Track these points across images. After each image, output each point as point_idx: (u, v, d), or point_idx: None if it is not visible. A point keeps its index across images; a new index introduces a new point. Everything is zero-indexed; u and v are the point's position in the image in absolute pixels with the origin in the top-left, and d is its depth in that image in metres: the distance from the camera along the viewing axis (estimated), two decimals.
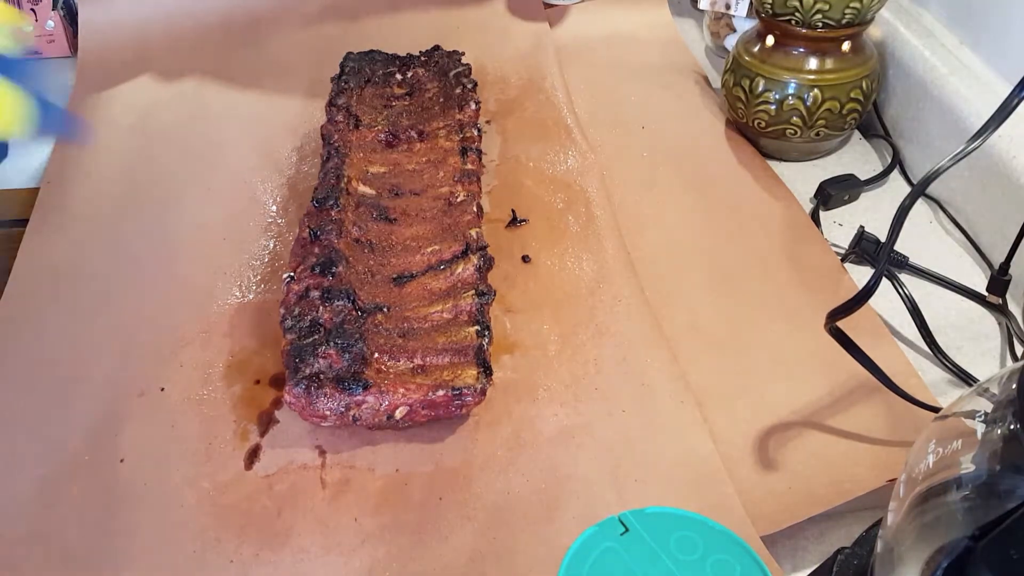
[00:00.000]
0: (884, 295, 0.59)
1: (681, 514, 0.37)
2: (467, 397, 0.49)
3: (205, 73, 0.84)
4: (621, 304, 0.59)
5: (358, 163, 0.66)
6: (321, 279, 0.54)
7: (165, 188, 0.71)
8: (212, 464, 0.50)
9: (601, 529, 0.36)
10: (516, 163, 0.73)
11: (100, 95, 0.82)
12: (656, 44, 0.90)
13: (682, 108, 0.81)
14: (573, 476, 0.49)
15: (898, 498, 0.35)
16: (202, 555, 0.46)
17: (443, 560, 0.45)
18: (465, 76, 0.76)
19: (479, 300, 0.55)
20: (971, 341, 0.58)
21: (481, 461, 0.50)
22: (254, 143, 0.76)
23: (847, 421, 0.52)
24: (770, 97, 0.71)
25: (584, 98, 0.82)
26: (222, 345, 0.57)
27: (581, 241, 0.65)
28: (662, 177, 0.72)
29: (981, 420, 0.33)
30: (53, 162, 0.74)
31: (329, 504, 0.48)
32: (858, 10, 0.67)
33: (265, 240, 0.66)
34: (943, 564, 0.30)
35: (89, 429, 0.52)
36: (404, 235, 0.61)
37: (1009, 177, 0.61)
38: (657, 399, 0.53)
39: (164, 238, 0.66)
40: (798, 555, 0.47)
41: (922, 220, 0.69)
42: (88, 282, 0.63)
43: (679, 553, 0.35)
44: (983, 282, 0.61)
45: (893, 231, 0.47)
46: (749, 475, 0.49)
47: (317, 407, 0.48)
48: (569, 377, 0.55)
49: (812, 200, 0.71)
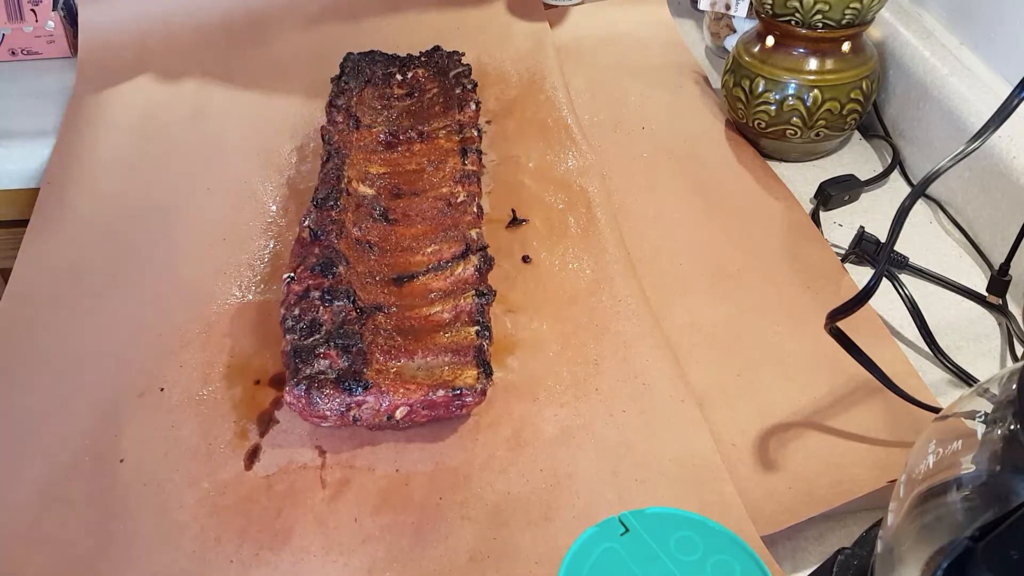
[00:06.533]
0: (884, 295, 0.59)
1: (681, 514, 0.37)
2: (467, 397, 0.49)
3: (205, 73, 0.84)
4: (621, 304, 0.59)
5: (358, 163, 0.66)
6: (321, 279, 0.54)
7: (165, 188, 0.71)
8: (212, 464, 0.50)
9: (601, 529, 0.36)
10: (516, 163, 0.73)
11: (100, 95, 0.82)
12: (656, 44, 0.90)
13: (682, 108, 0.81)
14: (573, 476, 0.49)
15: (898, 498, 0.35)
16: (202, 555, 0.46)
17: (443, 560, 0.45)
18: (465, 76, 0.76)
19: (479, 300, 0.55)
20: (971, 341, 0.58)
21: (481, 461, 0.50)
22: (254, 143, 0.76)
23: (847, 421, 0.52)
24: (770, 97, 0.71)
25: (584, 98, 0.82)
26: (222, 345, 0.57)
27: (581, 241, 0.65)
28: (662, 177, 0.72)
29: (981, 420, 0.33)
30: (53, 162, 0.74)
31: (329, 504, 0.48)
32: (858, 11, 0.67)
33: (265, 240, 0.66)
34: (943, 564, 0.30)
35: (89, 429, 0.52)
36: (404, 235, 0.61)
37: (1009, 177, 0.61)
38: (657, 399, 0.53)
39: (164, 238, 0.66)
40: (798, 555, 0.47)
41: (922, 220, 0.69)
42: (88, 282, 0.63)
43: (679, 553, 0.35)
44: (983, 282, 0.61)
45: (893, 231, 0.47)
46: (749, 475, 0.49)
47: (317, 407, 0.48)
48: (569, 377, 0.55)
49: (812, 200, 0.71)
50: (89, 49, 0.87)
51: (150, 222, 0.68)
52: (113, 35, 0.88)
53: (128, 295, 0.62)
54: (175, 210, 0.69)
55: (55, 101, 0.83)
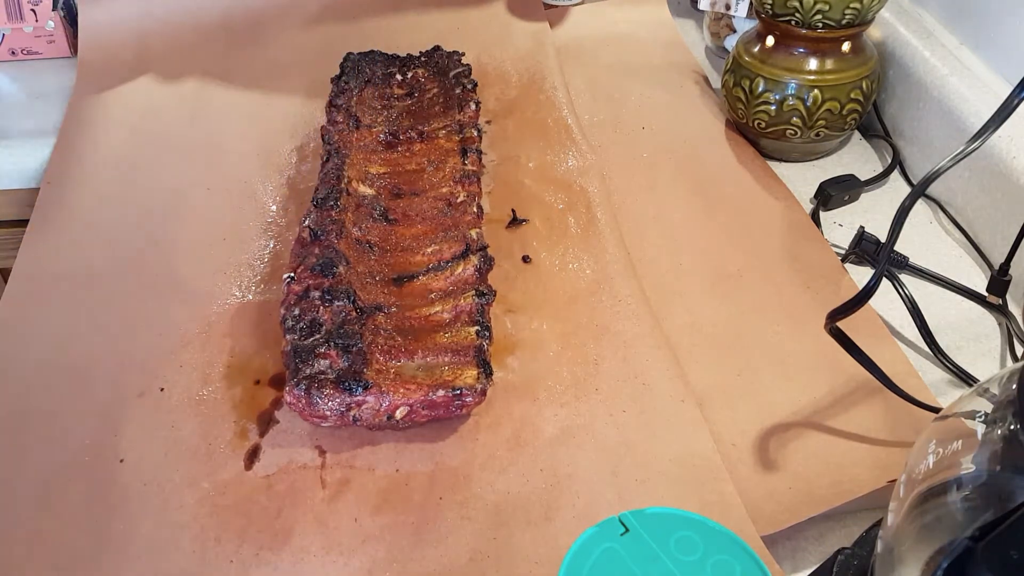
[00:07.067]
0: (884, 295, 0.59)
1: (681, 514, 0.37)
2: (467, 397, 0.49)
3: (205, 73, 0.84)
4: (621, 304, 0.59)
5: (358, 163, 0.66)
6: (321, 279, 0.54)
7: (165, 188, 0.71)
8: (212, 464, 0.50)
9: (601, 529, 0.36)
10: (516, 163, 0.73)
11: (100, 95, 0.82)
12: (656, 44, 0.90)
13: (682, 108, 0.81)
14: (573, 476, 0.49)
15: (898, 498, 0.35)
16: (202, 555, 0.46)
17: (443, 560, 0.45)
18: (465, 76, 0.76)
19: (479, 300, 0.55)
20: (971, 341, 0.58)
21: (481, 461, 0.50)
22: (254, 143, 0.76)
23: (847, 421, 0.52)
24: (770, 97, 0.71)
25: (584, 98, 0.82)
26: (222, 345, 0.57)
27: (581, 241, 0.65)
28: (662, 177, 0.72)
29: (981, 420, 0.33)
30: (53, 162, 0.74)
31: (329, 504, 0.48)
32: (858, 11, 0.67)
33: (265, 240, 0.66)
34: (943, 564, 0.30)
35: (89, 429, 0.52)
36: (404, 235, 0.61)
37: (1009, 177, 0.61)
38: (657, 399, 0.53)
39: (164, 238, 0.66)
40: (798, 555, 0.47)
41: (922, 220, 0.69)
42: (88, 282, 0.63)
43: (679, 553, 0.35)
44: (983, 282, 0.61)
45: (893, 231, 0.47)
46: (749, 475, 0.49)
47: (317, 407, 0.48)
48: (569, 377, 0.55)
49: (812, 200, 0.71)
50: (89, 49, 0.87)
51: (150, 222, 0.68)
52: (113, 35, 0.88)
53: (128, 295, 0.62)
54: (175, 210, 0.69)
55: (55, 101, 0.83)
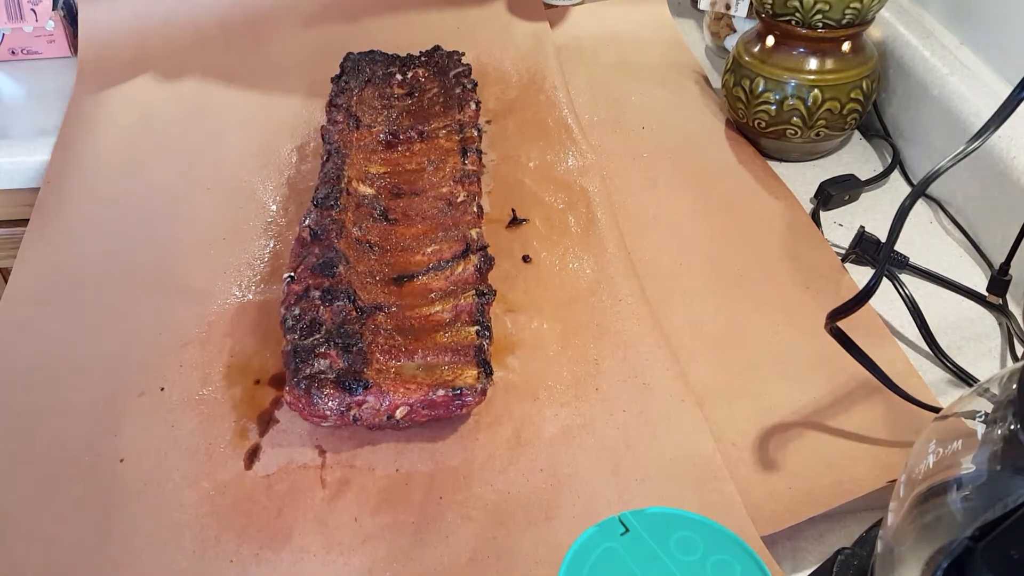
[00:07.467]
0: (884, 295, 0.59)
1: (681, 514, 0.37)
2: (467, 397, 0.49)
3: (205, 73, 0.84)
4: (621, 304, 0.59)
5: (358, 163, 0.66)
6: (321, 279, 0.54)
7: (165, 188, 0.71)
8: (212, 464, 0.50)
9: (601, 529, 0.36)
10: (516, 163, 0.73)
11: (100, 95, 0.82)
12: (656, 44, 0.90)
13: (682, 108, 0.81)
14: (573, 476, 0.49)
15: (898, 498, 0.35)
16: (202, 555, 0.46)
17: (443, 560, 0.45)
18: (465, 76, 0.76)
19: (479, 300, 0.55)
20: (971, 341, 0.58)
21: (481, 461, 0.50)
22: (254, 143, 0.76)
23: (847, 421, 0.52)
24: (770, 97, 0.71)
25: (584, 98, 0.82)
26: (222, 345, 0.57)
27: (582, 241, 0.65)
28: (662, 177, 0.72)
29: (981, 420, 0.33)
30: (53, 162, 0.74)
31: (329, 504, 0.48)
32: (858, 10, 0.67)
33: (265, 240, 0.66)
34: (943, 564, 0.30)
35: (89, 429, 0.52)
36: (404, 235, 0.61)
37: (1009, 177, 0.61)
38: (657, 399, 0.53)
39: (164, 238, 0.66)
40: (798, 555, 0.47)
41: (922, 220, 0.69)
42: (88, 282, 0.63)
43: (679, 553, 0.35)
44: (983, 282, 0.61)
45: (893, 231, 0.47)
46: (749, 475, 0.49)
47: (317, 407, 0.48)
48: (569, 377, 0.55)
49: (812, 200, 0.71)
50: (89, 49, 0.87)
51: (150, 222, 0.68)
52: (113, 35, 0.88)
53: (128, 295, 0.62)
54: (175, 209, 0.69)
55: (55, 101, 0.83)
